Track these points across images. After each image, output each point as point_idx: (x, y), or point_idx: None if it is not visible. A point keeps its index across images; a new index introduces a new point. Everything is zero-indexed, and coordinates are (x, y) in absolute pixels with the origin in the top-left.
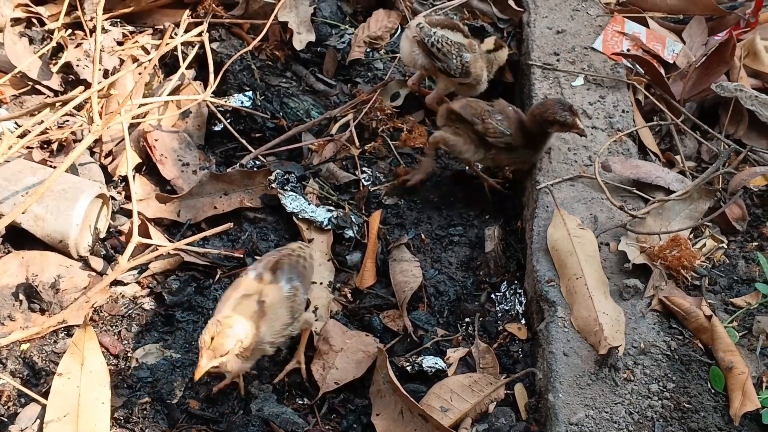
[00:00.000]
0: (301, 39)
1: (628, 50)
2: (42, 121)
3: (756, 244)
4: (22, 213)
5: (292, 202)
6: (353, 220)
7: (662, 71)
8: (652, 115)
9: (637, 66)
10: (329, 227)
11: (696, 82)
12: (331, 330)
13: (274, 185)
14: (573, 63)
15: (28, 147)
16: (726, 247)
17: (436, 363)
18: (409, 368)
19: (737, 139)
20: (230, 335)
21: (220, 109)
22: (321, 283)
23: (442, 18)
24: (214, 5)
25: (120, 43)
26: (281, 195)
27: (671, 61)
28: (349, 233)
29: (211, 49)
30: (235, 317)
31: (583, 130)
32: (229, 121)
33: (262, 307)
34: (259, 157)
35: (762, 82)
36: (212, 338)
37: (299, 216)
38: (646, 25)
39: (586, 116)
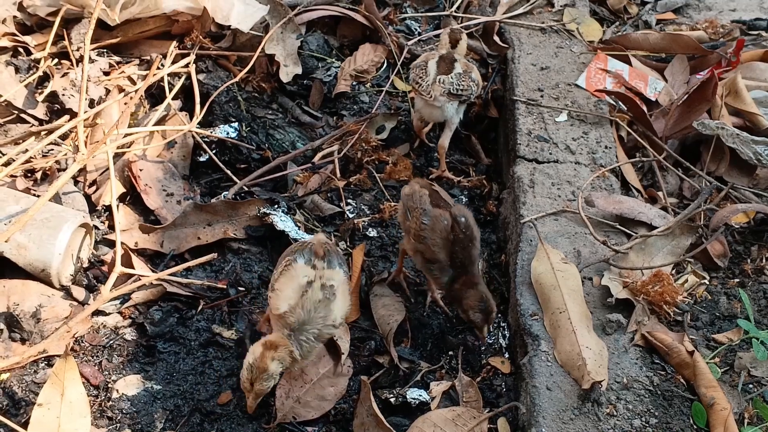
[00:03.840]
0: (288, 72)
1: (611, 87)
2: (26, 150)
3: (737, 280)
4: (5, 241)
5: (283, 222)
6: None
7: (645, 108)
8: (634, 151)
9: (620, 103)
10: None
11: (678, 119)
12: None
13: (264, 208)
14: (557, 99)
15: (12, 175)
16: (708, 283)
17: (420, 395)
18: (392, 400)
19: (718, 176)
20: (268, 378)
21: (206, 139)
22: None
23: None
24: (201, 37)
25: (106, 73)
26: (273, 215)
27: (654, 99)
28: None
29: (198, 80)
30: (269, 355)
31: (484, 338)
32: (214, 151)
33: (331, 291)
34: (244, 188)
35: (743, 120)
36: (252, 383)
37: (290, 236)
38: (629, 63)
39: (570, 152)
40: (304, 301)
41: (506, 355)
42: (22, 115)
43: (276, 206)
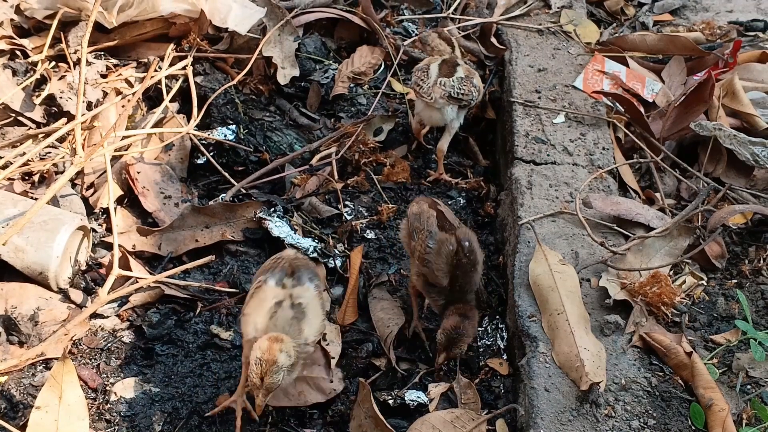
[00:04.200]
0: (286, 74)
1: (608, 89)
2: (24, 153)
3: (735, 281)
4: (3, 244)
5: (278, 227)
6: (336, 252)
7: (642, 110)
8: (632, 152)
9: (618, 104)
10: (314, 254)
11: (675, 120)
12: None
13: (260, 213)
14: (554, 100)
15: (9, 178)
16: (706, 284)
17: (418, 397)
18: (391, 401)
19: (716, 177)
20: (277, 370)
21: (203, 142)
22: None
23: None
24: (198, 39)
25: (104, 76)
26: (268, 221)
27: (651, 100)
28: (333, 264)
29: (195, 82)
30: (276, 347)
31: (438, 364)
32: (212, 154)
33: (300, 309)
34: (242, 190)
35: (740, 121)
36: (262, 379)
37: (285, 242)
38: (626, 64)
39: (567, 153)
40: (273, 323)
41: (504, 357)
42: (20, 118)
43: (272, 210)
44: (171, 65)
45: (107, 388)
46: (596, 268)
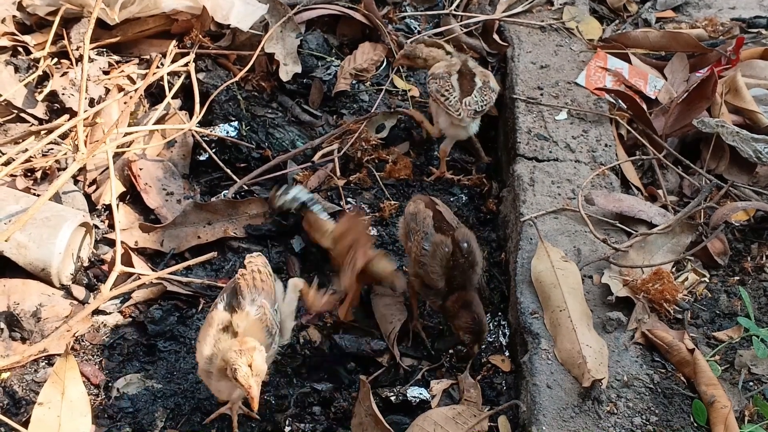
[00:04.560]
0: (288, 70)
1: (611, 86)
2: (26, 149)
3: (738, 278)
4: (5, 241)
5: (300, 192)
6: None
7: (644, 107)
8: (634, 149)
9: (620, 101)
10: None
11: (678, 117)
12: None
13: (279, 192)
14: (556, 97)
15: (11, 175)
16: (708, 281)
17: (420, 393)
18: (393, 398)
19: (718, 174)
20: (259, 353)
21: (206, 138)
22: None
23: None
24: (200, 36)
25: (106, 73)
26: (286, 193)
27: (653, 97)
28: None
29: (198, 79)
30: (242, 339)
31: (474, 354)
32: (214, 150)
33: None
34: (244, 187)
35: (743, 118)
36: (250, 365)
37: (310, 207)
38: (629, 61)
39: (570, 150)
40: (218, 349)
41: (506, 354)
42: (22, 115)
43: (285, 186)
44: (173, 62)
45: (110, 384)
46: (598, 265)
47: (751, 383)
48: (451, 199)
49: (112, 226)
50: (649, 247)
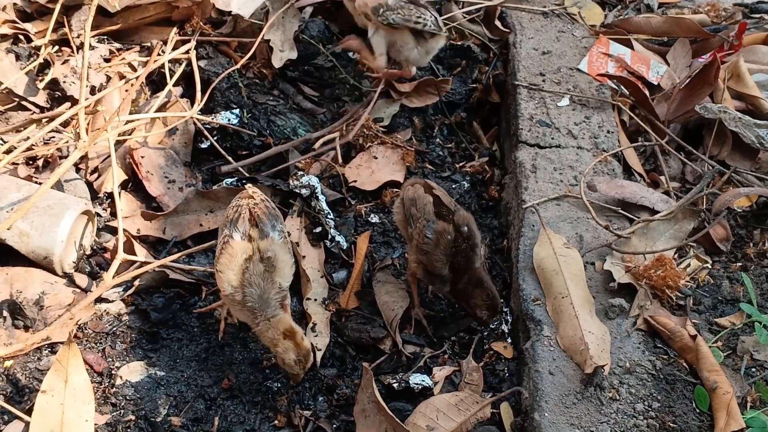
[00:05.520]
0: (282, 56)
1: (613, 72)
2: (28, 137)
3: (740, 264)
4: (7, 229)
5: (312, 181)
6: (344, 239)
7: (647, 92)
8: (636, 135)
9: (622, 87)
10: (331, 219)
11: (680, 103)
12: None
13: (294, 180)
14: (558, 83)
15: (13, 163)
16: (710, 267)
17: (423, 380)
18: (395, 385)
19: (721, 160)
20: (308, 354)
21: (207, 126)
22: (315, 300)
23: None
24: (201, 23)
25: (107, 60)
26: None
27: (656, 83)
28: (340, 241)
29: (199, 66)
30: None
31: (487, 323)
32: (215, 138)
33: (270, 263)
34: (245, 174)
35: (745, 103)
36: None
37: (317, 195)
38: (631, 47)
39: (572, 136)
40: (248, 279)
41: (509, 340)
42: (23, 103)
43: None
44: (174, 49)
45: (113, 372)
46: (601, 251)
47: (753, 369)
48: (453, 186)
49: (114, 214)
50: (651, 234)
